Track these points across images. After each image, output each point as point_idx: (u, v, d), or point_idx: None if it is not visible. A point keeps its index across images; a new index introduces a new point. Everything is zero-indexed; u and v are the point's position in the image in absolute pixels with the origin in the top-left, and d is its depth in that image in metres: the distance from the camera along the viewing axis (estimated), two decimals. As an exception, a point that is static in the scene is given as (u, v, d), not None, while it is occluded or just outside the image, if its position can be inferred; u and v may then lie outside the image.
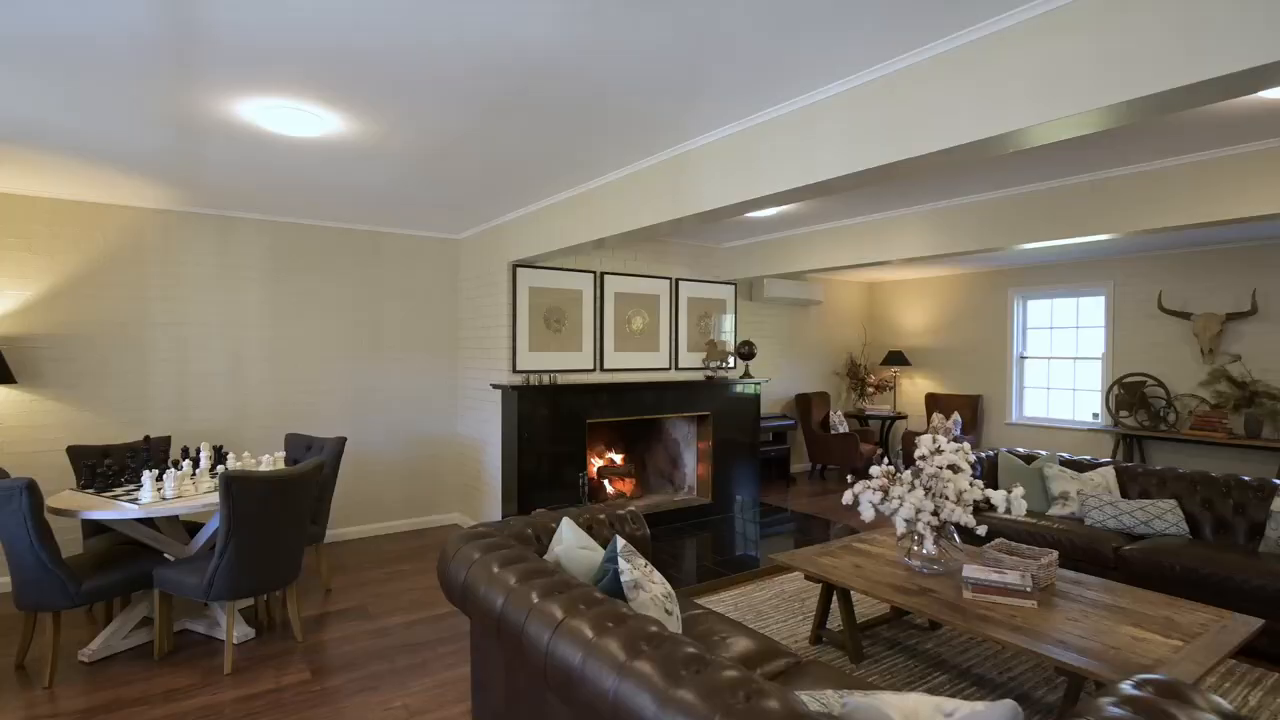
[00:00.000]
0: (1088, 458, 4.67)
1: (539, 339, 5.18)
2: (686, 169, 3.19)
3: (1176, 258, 6.28)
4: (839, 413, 8.01)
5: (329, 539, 5.32)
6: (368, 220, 5.19)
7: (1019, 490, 3.02)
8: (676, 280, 5.99)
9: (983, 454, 5.12)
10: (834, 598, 3.74)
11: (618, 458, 6.13)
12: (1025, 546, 3.23)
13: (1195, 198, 3.53)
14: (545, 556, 2.63)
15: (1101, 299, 6.86)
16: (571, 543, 2.61)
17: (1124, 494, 4.29)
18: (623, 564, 2.33)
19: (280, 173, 3.80)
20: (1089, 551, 3.91)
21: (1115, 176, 3.84)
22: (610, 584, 2.20)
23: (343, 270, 5.34)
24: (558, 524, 2.83)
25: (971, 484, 3.13)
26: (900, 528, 3.10)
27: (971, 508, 3.17)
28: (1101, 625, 2.65)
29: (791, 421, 7.82)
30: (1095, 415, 6.97)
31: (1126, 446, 6.45)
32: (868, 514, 3.22)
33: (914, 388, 8.52)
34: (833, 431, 7.87)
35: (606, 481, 5.92)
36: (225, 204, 4.62)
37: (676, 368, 6.00)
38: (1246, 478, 3.94)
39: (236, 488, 3.05)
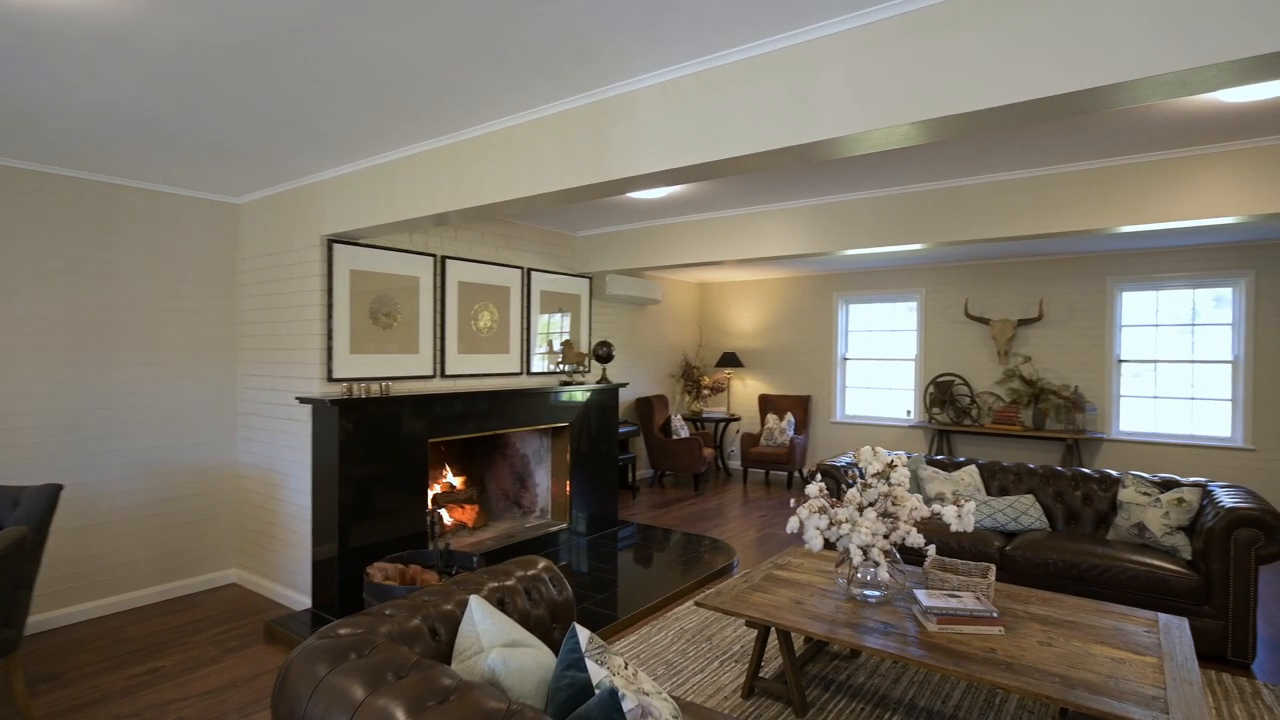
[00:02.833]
0: (942, 456, 4.81)
1: (364, 338, 4.03)
2: (618, 117, 2.46)
3: (979, 268, 6.95)
4: (679, 416, 7.74)
5: (32, 628, 3.61)
6: (100, 165, 3.61)
7: (970, 505, 2.79)
8: (529, 270, 5.14)
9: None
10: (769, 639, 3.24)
11: (456, 481, 5.12)
12: (959, 562, 3.03)
13: (995, 215, 3.83)
14: (455, 664, 1.75)
15: (915, 304, 7.41)
16: (495, 637, 1.77)
17: (987, 491, 4.44)
18: (600, 672, 1.56)
19: (-65, 61, 2.31)
20: (977, 553, 3.92)
21: (965, 186, 3.94)
22: (599, 713, 1.43)
23: (53, 237, 3.66)
24: (462, 606, 1.94)
25: (919, 501, 2.84)
26: (857, 557, 2.70)
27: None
28: (1073, 647, 2.47)
29: (634, 427, 7.36)
30: (909, 412, 7.51)
31: (939, 441, 7.01)
32: (816, 543, 2.78)
33: (746, 389, 8.57)
34: (674, 436, 7.57)
35: (444, 511, 4.89)
36: None
37: (529, 372, 5.16)
38: (1088, 470, 4.27)
39: None
